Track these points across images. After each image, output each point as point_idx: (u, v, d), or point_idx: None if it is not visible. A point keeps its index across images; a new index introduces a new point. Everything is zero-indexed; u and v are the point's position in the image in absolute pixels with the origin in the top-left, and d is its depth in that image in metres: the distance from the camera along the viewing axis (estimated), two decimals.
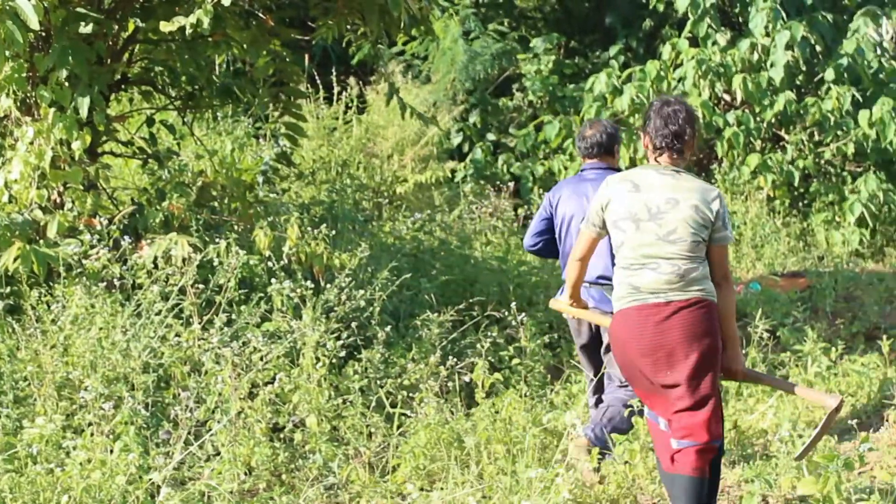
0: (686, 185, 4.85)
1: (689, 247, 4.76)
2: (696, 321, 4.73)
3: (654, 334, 4.74)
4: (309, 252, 7.27)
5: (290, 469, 5.70)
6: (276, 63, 8.17)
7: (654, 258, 4.77)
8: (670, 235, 4.76)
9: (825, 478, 4.20)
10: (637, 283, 4.80)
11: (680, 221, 4.77)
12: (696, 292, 4.76)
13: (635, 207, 4.83)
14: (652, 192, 4.84)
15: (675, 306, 4.73)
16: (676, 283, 4.74)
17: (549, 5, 18.92)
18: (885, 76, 14.72)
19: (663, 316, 4.73)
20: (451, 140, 16.18)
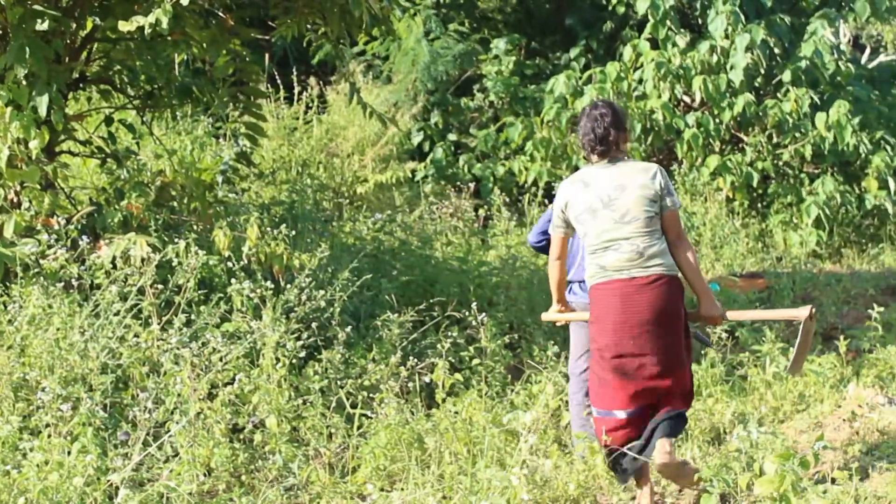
0: (628, 171, 5.39)
1: (644, 223, 5.28)
2: (659, 297, 5.24)
3: (622, 305, 5.25)
4: (269, 252, 7.24)
5: (250, 470, 5.68)
6: (235, 62, 8.14)
7: (614, 240, 5.29)
8: (625, 217, 5.28)
9: (781, 476, 4.23)
10: (602, 263, 5.32)
11: (631, 203, 5.29)
12: (656, 268, 5.26)
13: (589, 200, 5.37)
14: (600, 184, 5.37)
15: (638, 283, 5.24)
16: (637, 259, 5.25)
17: (510, 6, 18.96)
18: (841, 79, 14.86)
19: (630, 290, 5.25)
20: (411, 140, 16.18)
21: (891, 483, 5.49)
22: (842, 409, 6.87)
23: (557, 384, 6.73)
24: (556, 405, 6.63)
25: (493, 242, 12.07)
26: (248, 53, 8.43)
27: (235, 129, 8.81)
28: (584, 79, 15.31)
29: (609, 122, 5.41)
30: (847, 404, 6.88)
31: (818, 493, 5.05)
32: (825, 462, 6.14)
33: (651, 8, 14.65)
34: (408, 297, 8.30)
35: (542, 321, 6.53)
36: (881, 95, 15.56)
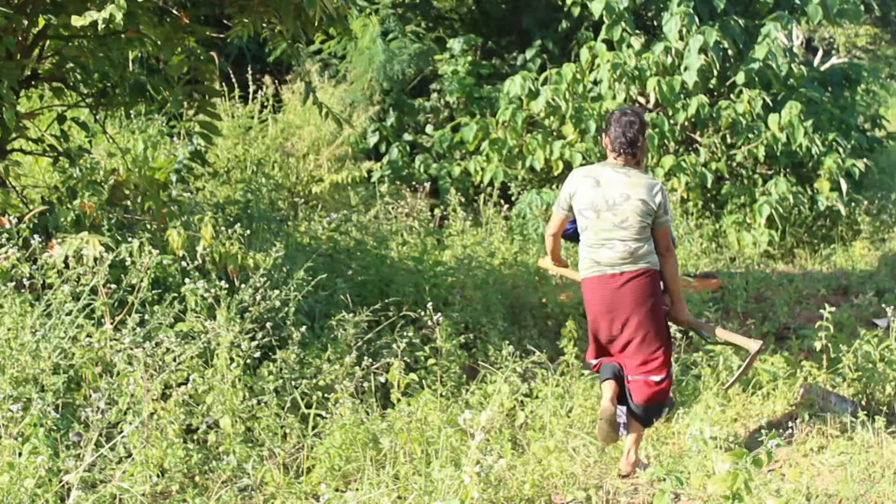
0: (636, 182, 6.06)
1: (638, 231, 6.06)
2: (643, 287, 6.09)
3: (612, 298, 6.10)
4: (223, 252, 7.21)
5: (204, 471, 5.64)
6: (190, 61, 8.08)
7: (610, 240, 6.08)
8: (623, 223, 6.04)
9: (734, 475, 4.26)
10: (597, 258, 6.13)
11: (630, 212, 6.03)
12: (643, 264, 6.09)
13: (596, 199, 6.08)
14: (609, 187, 6.07)
15: (627, 276, 6.07)
16: (628, 258, 6.07)
17: (466, 6, 18.99)
18: (794, 81, 14.98)
19: (618, 284, 6.08)
20: (367, 140, 16.16)
21: (842, 481, 5.55)
22: (794, 409, 6.93)
23: (512, 384, 6.74)
24: (511, 405, 6.65)
25: (448, 242, 12.07)
26: (203, 52, 8.37)
27: (190, 128, 8.75)
28: (540, 80, 15.35)
29: (638, 129, 6.09)
30: (799, 403, 6.93)
31: (771, 491, 5.09)
32: (778, 460, 6.20)
33: (606, 10, 14.71)
34: (363, 297, 8.29)
35: (539, 266, 7.59)
36: (833, 98, 15.71)
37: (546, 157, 14.92)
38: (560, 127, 15.11)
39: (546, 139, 14.91)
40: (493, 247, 11.54)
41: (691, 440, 5.99)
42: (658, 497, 4.66)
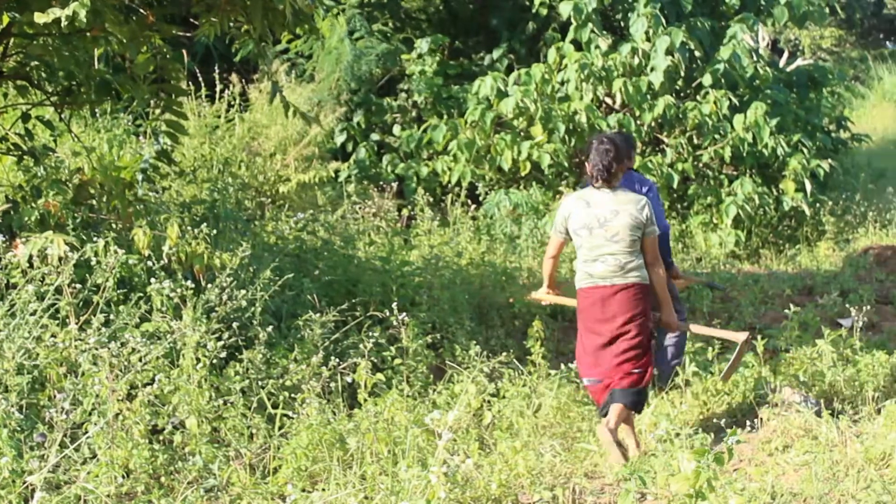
0: (623, 199, 6.62)
1: (628, 244, 6.56)
2: (631, 299, 6.58)
3: (603, 306, 6.60)
4: (189, 251, 7.17)
5: (170, 471, 5.61)
6: (156, 59, 8.03)
7: (603, 255, 6.58)
8: (614, 237, 6.55)
9: (696, 473, 4.28)
10: (591, 271, 6.63)
11: (621, 227, 6.54)
12: (633, 278, 6.58)
13: (588, 219, 6.61)
14: (599, 207, 6.60)
15: (617, 288, 6.57)
16: (618, 271, 6.57)
17: (434, 6, 18.99)
18: (760, 82, 15.08)
19: (609, 294, 6.59)
20: (334, 140, 16.15)
21: (806, 480, 5.58)
22: (759, 408, 6.96)
23: (479, 384, 6.75)
24: (478, 405, 6.66)
25: (415, 242, 12.07)
26: (170, 50, 8.33)
27: (156, 127, 8.70)
28: (510, 80, 15.38)
29: (613, 157, 6.59)
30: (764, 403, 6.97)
31: (736, 490, 5.12)
32: (743, 460, 6.23)
33: (574, 11, 14.76)
34: (330, 297, 8.27)
35: (532, 299, 7.71)
36: (798, 99, 15.83)
37: (514, 157, 14.96)
38: (528, 127, 15.14)
39: (514, 140, 14.95)
40: (460, 247, 11.55)
41: (657, 440, 6.03)
42: (622, 496, 4.67)
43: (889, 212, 16.08)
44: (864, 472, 5.67)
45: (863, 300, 10.27)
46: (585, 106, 14.61)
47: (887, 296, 11.29)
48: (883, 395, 6.96)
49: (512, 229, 14.10)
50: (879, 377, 7.15)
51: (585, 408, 7.24)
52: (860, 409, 6.87)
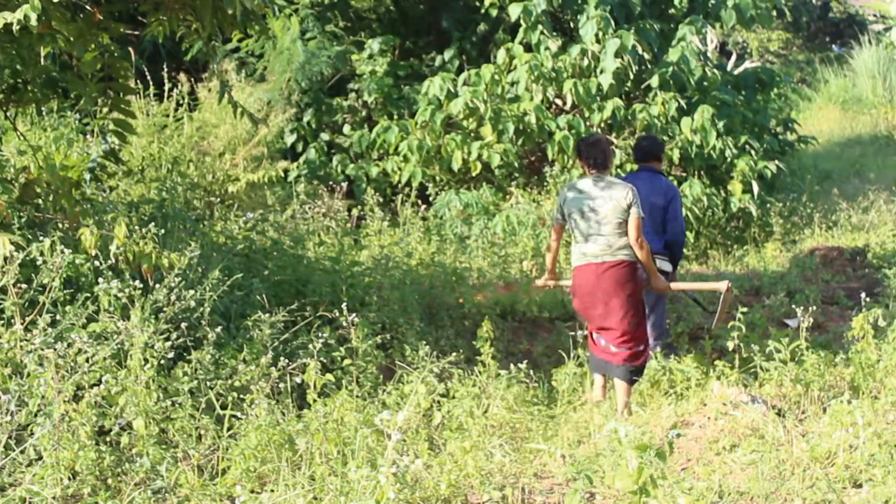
0: (611, 186, 7.54)
1: (615, 227, 7.47)
2: (622, 275, 7.51)
3: (596, 282, 7.53)
4: (137, 251, 7.11)
5: (117, 473, 5.57)
6: (104, 58, 7.96)
7: (594, 236, 7.53)
8: (603, 220, 7.49)
9: (640, 469, 4.30)
10: (585, 251, 7.57)
11: (608, 212, 7.47)
12: (622, 256, 7.50)
13: (581, 205, 7.56)
14: (590, 194, 7.56)
15: (608, 265, 7.50)
16: (608, 250, 7.49)
17: (384, 6, 18.97)
18: (708, 84, 15.19)
19: (601, 271, 7.51)
20: (284, 140, 16.09)
21: (753, 479, 5.63)
22: (707, 408, 7.01)
23: (429, 384, 6.75)
24: (428, 405, 6.65)
25: (365, 243, 12.05)
26: (117, 48, 8.26)
27: (103, 126, 8.62)
28: (459, 81, 15.40)
29: (603, 148, 7.66)
30: (712, 402, 7.02)
31: (684, 489, 5.15)
32: (691, 459, 6.28)
33: (523, 13, 14.81)
34: (279, 297, 8.24)
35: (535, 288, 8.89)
36: (746, 101, 15.96)
37: (464, 157, 14.99)
38: (478, 128, 15.17)
39: (464, 140, 14.97)
40: (410, 247, 11.55)
41: (606, 439, 6.06)
42: (570, 496, 4.69)
43: (835, 213, 16.25)
44: (809, 471, 5.73)
45: (809, 300, 10.38)
46: (535, 107, 14.66)
47: (833, 296, 11.41)
48: (828, 395, 7.03)
49: (462, 230, 14.12)
50: (825, 377, 7.22)
51: (535, 408, 7.26)
52: (806, 408, 6.93)
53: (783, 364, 7.14)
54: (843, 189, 18.67)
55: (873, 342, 7.39)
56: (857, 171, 20.86)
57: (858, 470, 5.69)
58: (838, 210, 16.29)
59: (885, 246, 13.17)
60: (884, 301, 8.53)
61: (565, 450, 6.50)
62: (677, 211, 8.54)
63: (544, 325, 10.52)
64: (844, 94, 27.37)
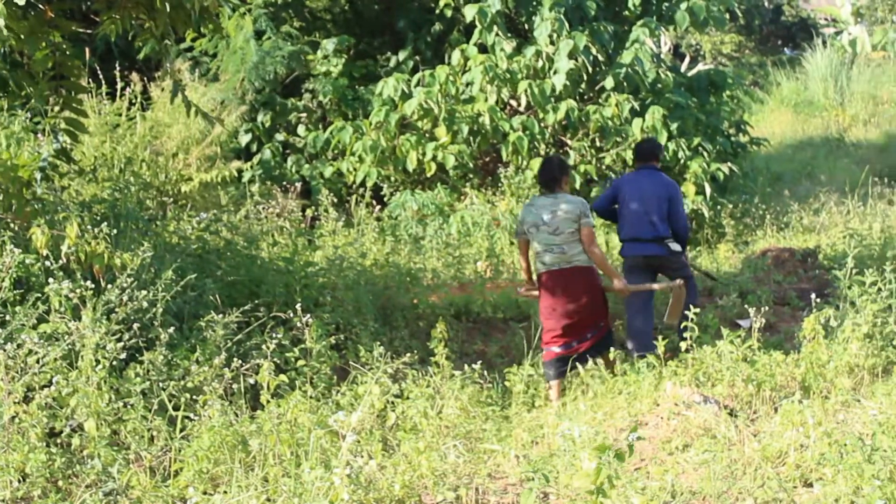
0: (561, 201, 8.27)
1: (568, 236, 8.18)
2: (579, 280, 8.23)
3: (556, 288, 8.22)
4: (89, 251, 7.05)
5: (68, 475, 5.52)
6: (55, 56, 7.89)
7: (550, 245, 8.22)
8: (556, 231, 8.19)
9: (598, 470, 4.32)
10: (544, 260, 8.26)
11: (560, 222, 8.19)
12: (577, 262, 8.20)
13: (535, 219, 8.31)
14: (543, 209, 8.30)
15: (566, 272, 8.20)
16: (564, 258, 8.19)
17: (339, 7, 18.93)
18: (662, 86, 15.26)
19: (561, 278, 8.21)
20: (238, 140, 16.01)
21: (705, 478, 5.66)
22: (660, 408, 7.05)
23: (383, 385, 6.74)
24: (382, 406, 6.65)
25: (320, 243, 12.02)
26: (69, 47, 8.19)
27: (55, 125, 8.55)
28: (413, 81, 15.40)
29: (554, 170, 8.43)
30: (665, 403, 7.06)
31: (637, 489, 5.18)
32: (644, 459, 6.31)
33: (478, 14, 14.82)
34: (233, 298, 8.20)
35: (524, 295, 9.28)
36: (699, 103, 16.04)
37: (419, 158, 14.98)
38: (433, 129, 15.17)
39: (419, 141, 14.96)
40: (364, 248, 11.53)
41: (560, 439, 6.07)
42: (524, 495, 4.70)
43: (786, 215, 16.38)
44: (760, 470, 5.78)
45: (761, 301, 10.45)
46: (489, 108, 14.68)
47: (784, 297, 11.49)
48: (779, 395, 7.09)
49: (417, 230, 14.11)
50: (776, 377, 7.28)
51: (489, 408, 7.27)
52: (758, 408, 6.99)
53: (735, 364, 7.19)
54: (795, 191, 18.84)
55: (824, 343, 7.46)
56: (808, 173, 21.05)
57: (809, 469, 5.74)
58: (790, 212, 16.43)
59: (835, 247, 13.26)
60: (834, 302, 8.60)
61: (519, 450, 6.52)
62: (680, 203, 9.34)
63: (498, 325, 10.53)
64: (796, 97, 27.60)
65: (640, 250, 9.14)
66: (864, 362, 7.49)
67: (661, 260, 9.17)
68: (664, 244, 9.11)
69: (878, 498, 4.89)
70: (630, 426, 6.83)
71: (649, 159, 9.49)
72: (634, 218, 9.14)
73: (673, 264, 9.22)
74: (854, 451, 5.33)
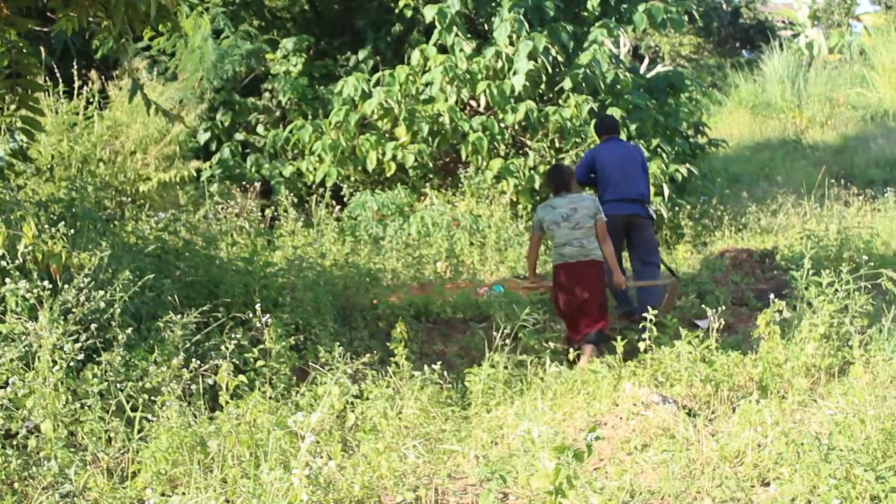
0: (577, 199, 9.20)
1: (587, 230, 9.09)
2: (593, 272, 9.12)
3: (573, 279, 9.10)
4: (46, 251, 6.99)
5: (24, 477, 5.47)
6: (11, 54, 7.82)
7: (571, 239, 9.09)
8: (577, 226, 9.08)
9: (557, 470, 4.33)
10: (563, 253, 9.12)
11: (581, 217, 9.08)
12: (593, 255, 9.10)
13: (556, 217, 9.14)
14: (561, 207, 9.16)
15: (582, 264, 9.07)
16: (582, 251, 9.08)
17: (299, 6, 18.89)
18: (621, 87, 15.32)
19: (577, 269, 9.08)
20: (197, 139, 15.94)
21: (664, 478, 5.69)
22: (619, 408, 7.07)
23: (342, 385, 6.72)
24: (342, 406, 6.63)
25: (279, 243, 11.98)
26: (26, 45, 8.11)
27: (11, 124, 8.47)
28: (373, 81, 15.39)
29: (566, 175, 9.35)
30: (623, 403, 7.08)
31: (595, 489, 5.19)
32: (603, 459, 6.32)
33: (438, 14, 14.83)
34: (191, 298, 8.15)
35: (525, 289, 10.42)
36: (658, 104, 16.12)
37: (379, 158, 14.97)
38: (393, 129, 15.17)
39: (379, 140, 14.95)
40: (324, 248, 11.52)
41: (519, 440, 6.08)
42: (483, 496, 4.70)
43: (744, 216, 16.50)
44: (718, 470, 5.81)
45: (719, 302, 10.51)
46: (449, 108, 14.70)
47: (742, 297, 11.56)
48: (737, 395, 7.13)
49: (376, 230, 14.10)
50: (734, 377, 7.32)
51: (448, 409, 7.27)
52: (716, 408, 7.02)
53: (693, 364, 7.22)
54: (753, 192, 18.98)
55: (781, 343, 7.51)
56: (766, 174, 21.21)
57: (766, 468, 5.78)
58: (748, 213, 16.54)
59: (792, 248, 13.37)
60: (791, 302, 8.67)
61: (479, 451, 6.52)
62: (644, 164, 10.76)
63: (458, 326, 10.54)
64: (754, 99, 27.81)
65: (623, 210, 10.37)
66: (820, 362, 7.54)
67: (638, 219, 10.48)
68: (644, 206, 10.52)
69: (834, 497, 4.93)
70: (589, 426, 6.86)
71: (613, 132, 10.92)
72: (618, 180, 10.46)
73: (647, 223, 10.58)
74: (811, 450, 5.36)
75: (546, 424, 6.46)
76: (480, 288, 11.61)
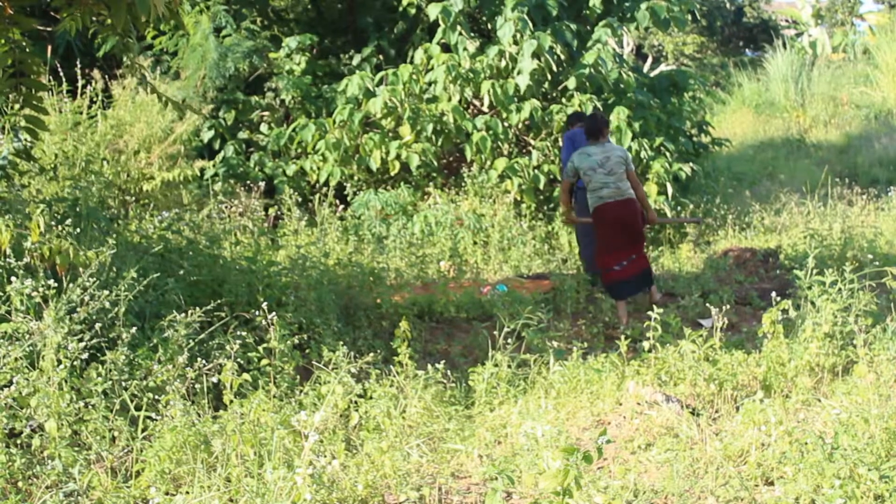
0: (609, 148, 10.52)
1: (620, 176, 10.40)
2: (631, 207, 10.49)
3: (613, 215, 10.44)
4: (53, 248, 6.99)
5: (27, 476, 5.47)
6: (15, 53, 7.82)
7: (607, 183, 10.41)
8: (610, 172, 10.39)
9: (565, 471, 4.33)
10: (601, 195, 10.43)
11: (614, 164, 10.39)
12: (628, 195, 10.43)
13: (592, 164, 10.42)
14: (595, 155, 10.45)
15: (620, 202, 10.43)
16: (618, 192, 10.40)
17: (302, 5, 18.88)
18: (624, 86, 15.31)
19: (617, 206, 10.42)
20: (201, 137, 15.93)
21: (667, 477, 5.69)
22: (622, 407, 7.07)
23: (346, 384, 6.73)
24: (345, 405, 6.63)
25: (283, 242, 11.98)
26: (29, 44, 8.12)
27: (15, 123, 8.48)
28: (376, 80, 15.38)
29: (600, 122, 10.62)
30: (627, 402, 7.08)
31: (599, 488, 5.20)
32: (606, 458, 6.32)
33: (442, 13, 14.83)
34: (195, 298, 8.15)
35: (564, 224, 13.07)
36: (661, 103, 16.11)
37: (383, 157, 14.97)
38: (397, 127, 15.16)
39: (383, 139, 14.95)
40: (327, 247, 11.51)
41: (523, 439, 6.08)
42: (489, 496, 4.70)
43: (748, 215, 16.49)
44: (722, 469, 5.81)
45: (723, 301, 10.49)
46: (453, 107, 14.70)
47: (746, 297, 11.56)
48: (741, 394, 7.13)
49: (380, 230, 14.10)
50: (738, 376, 7.32)
51: (452, 408, 7.27)
52: (719, 407, 7.02)
53: (697, 364, 7.22)
54: (756, 191, 18.96)
55: (784, 342, 7.51)
56: (769, 173, 21.20)
57: (770, 468, 5.78)
58: (751, 212, 16.54)
59: (796, 247, 13.36)
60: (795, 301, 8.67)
61: (482, 450, 6.52)
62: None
63: (461, 325, 10.54)
64: (757, 98, 27.80)
65: None
66: (824, 361, 7.54)
67: None
68: None
69: (838, 496, 4.93)
70: (592, 425, 6.86)
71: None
72: None
73: None
74: (815, 449, 5.37)
75: (550, 423, 6.46)
76: (484, 287, 11.61)
